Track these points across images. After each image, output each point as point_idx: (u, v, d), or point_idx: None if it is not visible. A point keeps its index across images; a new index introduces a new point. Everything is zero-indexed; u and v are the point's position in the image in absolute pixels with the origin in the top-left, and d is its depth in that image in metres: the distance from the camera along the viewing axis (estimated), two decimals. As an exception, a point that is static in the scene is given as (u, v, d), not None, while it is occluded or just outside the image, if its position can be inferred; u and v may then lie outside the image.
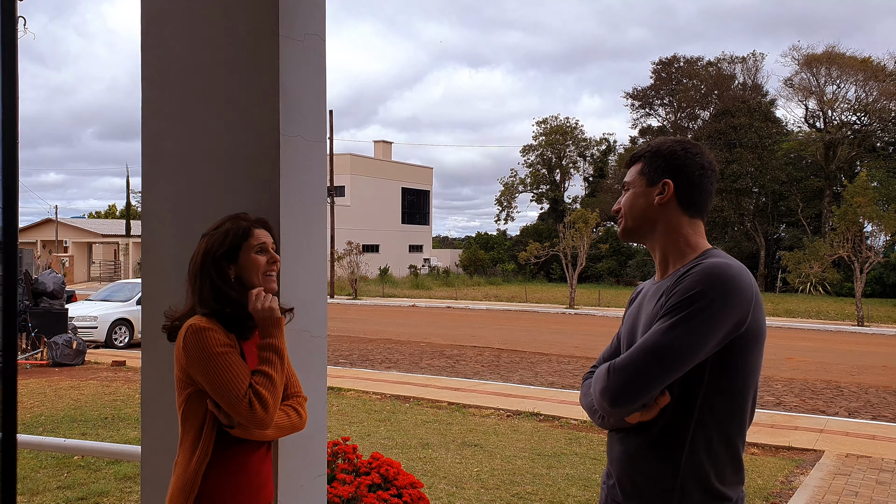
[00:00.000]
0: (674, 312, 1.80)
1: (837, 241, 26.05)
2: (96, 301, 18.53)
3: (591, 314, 29.09)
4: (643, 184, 2.01)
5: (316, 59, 2.59)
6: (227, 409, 2.09)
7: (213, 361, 2.09)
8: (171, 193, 2.65)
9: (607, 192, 56.39)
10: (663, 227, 1.99)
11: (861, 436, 8.63)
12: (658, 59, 58.73)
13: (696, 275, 1.82)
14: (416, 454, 7.20)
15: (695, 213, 1.99)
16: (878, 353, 18.04)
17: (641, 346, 1.82)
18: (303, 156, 2.54)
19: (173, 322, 2.23)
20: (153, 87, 2.69)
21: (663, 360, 1.78)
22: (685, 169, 1.97)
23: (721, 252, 1.94)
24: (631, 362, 1.82)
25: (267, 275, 2.23)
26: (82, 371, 12.72)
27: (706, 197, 2.00)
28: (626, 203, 2.04)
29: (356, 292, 36.79)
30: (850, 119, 48.74)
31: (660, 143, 2.04)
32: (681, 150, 1.99)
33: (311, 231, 2.60)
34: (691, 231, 1.97)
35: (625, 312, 2.16)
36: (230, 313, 2.17)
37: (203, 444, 2.15)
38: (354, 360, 14.74)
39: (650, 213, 1.99)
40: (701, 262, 1.86)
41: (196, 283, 2.21)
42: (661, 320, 1.82)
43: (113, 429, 8.06)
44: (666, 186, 1.97)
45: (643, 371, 1.79)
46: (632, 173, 2.06)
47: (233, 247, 2.21)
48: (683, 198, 1.97)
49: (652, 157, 2.01)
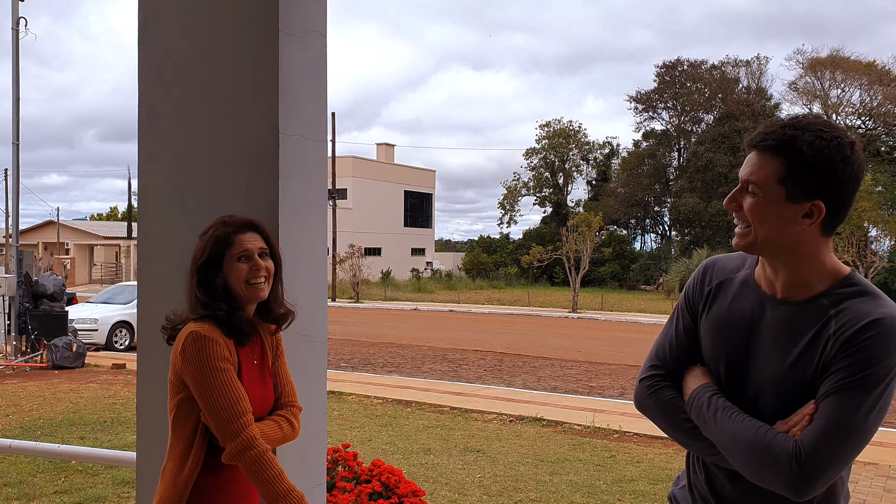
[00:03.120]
0: (864, 388, 1.52)
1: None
2: (97, 303, 18.46)
3: (594, 318, 28.99)
4: (781, 197, 1.60)
5: (317, 56, 2.52)
6: (214, 426, 2.04)
7: (211, 376, 2.03)
8: (167, 194, 2.58)
9: (610, 195, 56.32)
10: (798, 251, 1.64)
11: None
12: (662, 63, 58.71)
13: (881, 340, 1.53)
14: (418, 460, 7.12)
15: (833, 232, 1.67)
16: (882, 359, 17.93)
17: (831, 430, 1.52)
18: (303, 155, 2.47)
19: (174, 325, 2.17)
20: (150, 85, 2.62)
21: (858, 446, 1.54)
22: (841, 187, 1.58)
23: (869, 284, 1.66)
24: (825, 451, 1.52)
25: (250, 283, 2.14)
26: (82, 374, 12.66)
27: (849, 209, 1.67)
28: (755, 216, 1.63)
29: (358, 295, 36.72)
30: (855, 123, 48.64)
31: (813, 141, 1.57)
32: (840, 162, 1.57)
33: (311, 233, 2.53)
34: (826, 251, 1.66)
35: (703, 310, 1.82)
36: (224, 316, 2.10)
37: (195, 453, 2.09)
38: (356, 364, 14.67)
39: (787, 235, 1.62)
40: (882, 317, 1.55)
41: (190, 288, 2.16)
42: (846, 394, 1.53)
43: (112, 432, 7.99)
44: (816, 210, 1.59)
45: (839, 459, 1.53)
46: (762, 172, 1.62)
47: (214, 255, 2.14)
48: (830, 222, 1.62)
49: (803, 165, 1.58)
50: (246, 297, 2.15)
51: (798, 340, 1.62)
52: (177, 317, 2.19)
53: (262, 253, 2.18)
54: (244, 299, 2.16)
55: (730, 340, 1.73)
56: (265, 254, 2.19)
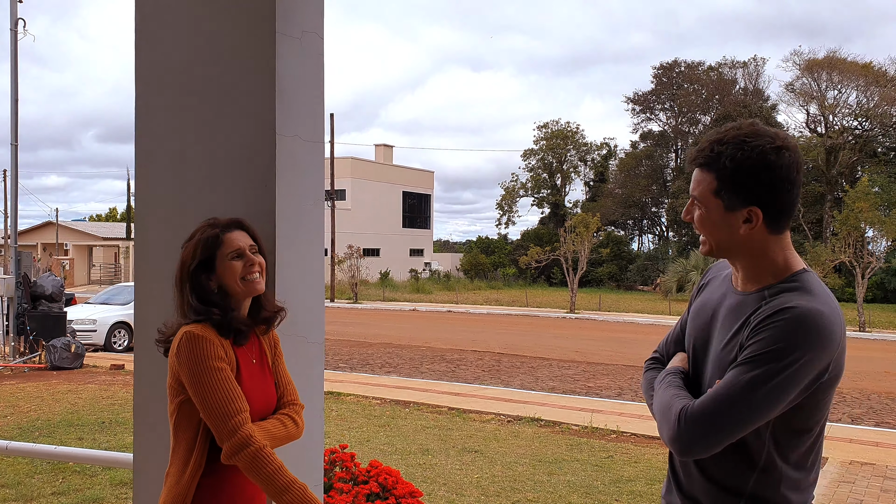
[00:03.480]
0: (758, 364, 1.64)
1: (839, 246, 25.96)
2: (96, 304, 18.45)
3: (592, 318, 29.00)
4: (720, 208, 1.75)
5: (314, 57, 2.52)
6: (212, 426, 2.03)
7: (206, 375, 2.02)
8: (164, 195, 2.59)
9: (608, 196, 56.33)
10: (749, 251, 1.77)
11: (865, 443, 8.55)
12: (659, 64, 58.72)
13: (788, 325, 1.64)
14: (416, 460, 7.13)
15: (783, 230, 1.77)
16: (880, 359, 17.96)
17: (717, 397, 1.67)
18: (300, 156, 2.47)
19: (167, 337, 2.17)
20: (147, 86, 2.62)
21: (742, 416, 1.65)
22: (770, 191, 1.70)
23: (813, 282, 1.74)
24: (704, 414, 1.67)
25: (246, 279, 2.15)
26: (80, 374, 12.65)
27: (795, 207, 1.77)
28: (704, 227, 1.80)
29: (356, 296, 36.71)
30: (852, 124, 48.68)
31: (734, 154, 1.70)
32: (764, 169, 1.68)
33: (309, 234, 2.53)
34: (779, 248, 1.77)
35: (692, 301, 2.01)
36: (219, 319, 2.11)
37: (196, 455, 2.09)
38: (354, 365, 14.67)
39: (735, 240, 1.76)
40: (794, 305, 1.66)
41: (179, 295, 2.16)
42: (742, 368, 1.65)
43: (110, 433, 7.98)
44: (753, 215, 1.72)
45: (718, 425, 1.66)
46: (702, 188, 1.77)
47: (205, 258, 2.14)
48: (773, 222, 1.74)
49: (731, 177, 1.71)
50: (243, 293, 2.15)
51: (735, 324, 1.76)
52: (168, 328, 2.18)
53: (252, 250, 2.19)
54: (241, 296, 2.16)
55: (699, 325, 1.90)
56: (255, 250, 2.20)
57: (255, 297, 2.20)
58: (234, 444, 1.99)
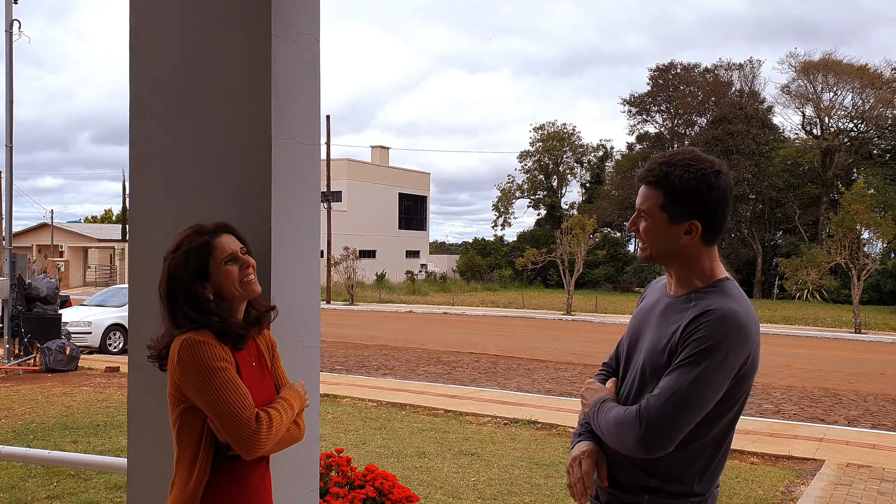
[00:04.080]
0: (696, 361, 1.86)
1: (835, 248, 25.99)
2: (91, 306, 18.40)
3: (588, 320, 29.00)
4: (664, 220, 1.99)
5: (310, 59, 2.50)
6: (225, 427, 1.99)
7: (211, 377, 1.99)
8: (159, 198, 2.57)
9: (604, 198, 56.40)
10: (683, 259, 2.03)
11: (861, 445, 8.54)
12: (655, 66, 58.83)
13: (714, 325, 1.88)
14: (413, 463, 7.10)
15: (714, 243, 2.04)
16: (875, 361, 17.98)
17: (672, 397, 1.87)
18: (295, 159, 2.45)
19: (160, 351, 2.13)
20: (142, 88, 2.60)
21: (693, 408, 1.87)
22: (711, 207, 1.97)
23: (733, 288, 2.00)
24: (664, 414, 1.87)
25: (244, 281, 2.13)
26: (75, 377, 12.59)
27: (726, 223, 2.05)
28: (647, 236, 2.04)
29: (352, 298, 36.67)
30: (847, 126, 48.80)
31: (682, 175, 1.96)
32: (706, 189, 1.95)
33: (304, 237, 2.51)
34: (708, 259, 2.03)
35: (635, 311, 2.25)
36: (217, 326, 2.08)
37: (201, 462, 2.06)
38: (350, 367, 14.63)
39: (674, 248, 2.01)
40: (715, 307, 1.90)
41: (169, 308, 2.11)
42: (685, 368, 1.87)
43: (105, 436, 7.94)
44: (694, 228, 1.98)
45: (678, 422, 1.87)
46: (648, 202, 2.01)
47: (199, 266, 2.10)
48: (708, 235, 2.00)
49: (676, 195, 1.97)
50: (242, 296, 2.13)
51: (666, 321, 2.00)
52: (159, 342, 2.14)
53: (243, 251, 2.17)
54: (239, 300, 2.14)
55: (635, 326, 2.16)
56: (245, 251, 2.18)
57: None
58: (250, 433, 1.98)
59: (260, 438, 1.99)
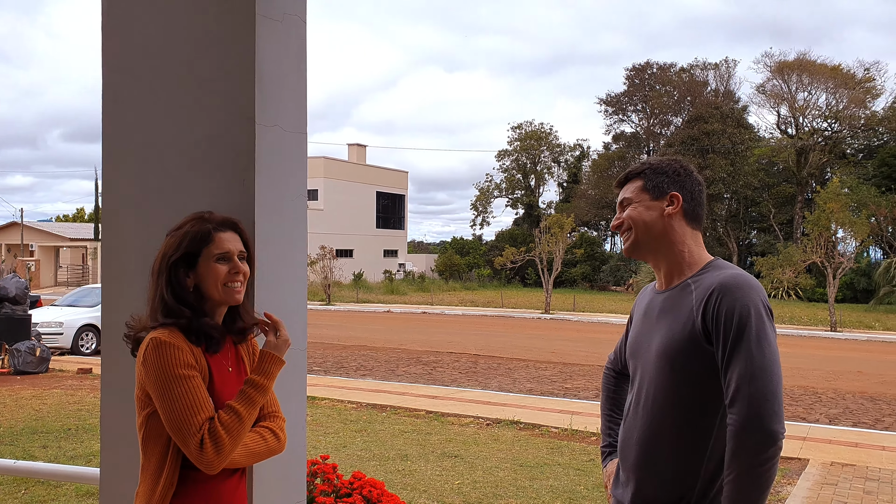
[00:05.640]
0: (751, 331, 1.86)
1: (811, 246, 26.18)
2: (62, 306, 18.02)
3: (566, 319, 29.00)
4: (647, 198, 2.09)
5: (296, 41, 2.34)
6: (177, 442, 1.85)
7: (171, 384, 1.84)
8: (134, 190, 2.39)
9: (581, 197, 56.52)
10: (670, 240, 2.06)
11: (844, 443, 8.53)
12: (632, 66, 59.08)
13: (731, 290, 1.90)
14: (395, 466, 6.95)
15: (696, 226, 2.10)
16: (851, 359, 18.11)
17: (763, 373, 1.83)
18: (281, 148, 2.29)
19: (137, 333, 1.98)
20: (115, 72, 2.42)
21: (778, 375, 1.86)
22: (687, 183, 2.10)
23: (723, 262, 2.05)
24: (766, 391, 1.82)
25: (228, 286, 1.98)
26: (46, 379, 12.29)
27: (704, 210, 2.14)
28: (633, 216, 2.09)
29: (329, 298, 36.39)
30: (821, 126, 49.32)
31: (658, 161, 2.14)
32: (679, 168, 2.12)
33: (290, 231, 2.35)
34: (694, 243, 2.07)
35: (630, 317, 2.28)
36: (187, 323, 1.93)
37: (168, 472, 1.91)
38: (329, 368, 14.43)
39: (659, 226, 2.06)
40: (721, 280, 1.93)
41: (153, 287, 1.97)
42: (747, 342, 1.85)
43: (76, 440, 7.70)
44: (675, 199, 2.07)
45: (778, 393, 1.84)
46: (631, 190, 2.13)
47: (190, 252, 1.96)
48: (689, 210, 2.08)
49: (654, 173, 2.11)
50: (220, 300, 1.98)
51: (674, 316, 1.99)
52: (137, 322, 2.00)
53: (241, 256, 2.02)
54: (217, 302, 1.99)
55: (635, 329, 2.19)
56: (243, 257, 2.03)
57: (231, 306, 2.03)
58: (201, 443, 1.82)
59: (208, 459, 1.83)
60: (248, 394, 1.93)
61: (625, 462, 2.11)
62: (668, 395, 1.97)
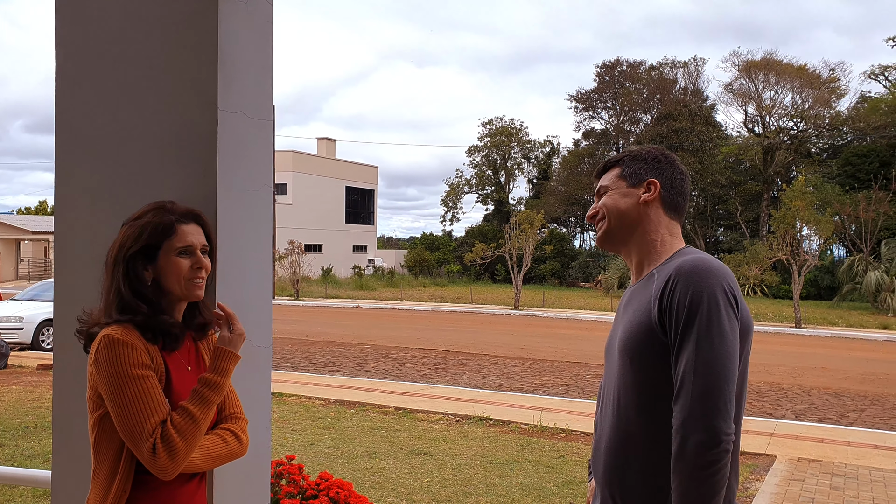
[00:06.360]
0: (690, 324, 1.73)
1: (776, 244, 26.49)
2: (23, 301, 17.60)
3: (536, 315, 29.04)
4: (624, 185, 2.02)
5: (262, 24, 2.23)
6: (129, 446, 1.75)
7: (124, 385, 1.74)
8: (88, 180, 2.27)
9: (551, 193, 56.68)
10: (643, 228, 1.98)
11: (810, 439, 8.61)
12: (602, 63, 59.35)
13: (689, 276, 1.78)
14: (363, 464, 6.85)
15: (675, 216, 2.01)
16: (816, 355, 18.35)
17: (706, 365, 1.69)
18: (245, 136, 2.18)
19: (90, 328, 1.87)
20: (68, 56, 2.30)
21: (729, 373, 1.71)
22: (667, 171, 2.02)
23: (691, 249, 1.94)
24: (712, 387, 1.68)
25: (191, 281, 1.88)
26: (4, 375, 11.98)
27: (685, 201, 2.05)
28: (608, 203, 2.02)
29: (298, 293, 36.08)
30: (788, 125, 49.96)
31: (639, 149, 2.08)
32: (660, 155, 2.04)
33: (254, 223, 2.24)
34: (668, 233, 1.98)
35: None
36: (143, 320, 1.82)
37: (121, 477, 1.80)
38: (296, 364, 14.27)
39: (633, 213, 1.98)
40: (678, 265, 1.82)
41: (108, 280, 1.86)
42: (689, 338, 1.72)
43: (34, 439, 7.49)
44: (652, 186, 1.99)
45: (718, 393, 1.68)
46: (609, 178, 2.06)
47: (150, 245, 1.86)
48: (667, 198, 1.99)
49: (632, 160, 2.04)
50: (180, 296, 1.88)
51: (635, 308, 1.89)
52: (90, 317, 1.89)
53: (203, 250, 1.92)
54: (177, 298, 1.89)
55: (614, 324, 2.06)
56: (206, 251, 1.93)
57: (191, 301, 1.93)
58: (153, 447, 1.72)
59: (162, 464, 1.73)
60: (203, 393, 1.83)
61: (595, 474, 1.96)
62: (630, 395, 1.82)
